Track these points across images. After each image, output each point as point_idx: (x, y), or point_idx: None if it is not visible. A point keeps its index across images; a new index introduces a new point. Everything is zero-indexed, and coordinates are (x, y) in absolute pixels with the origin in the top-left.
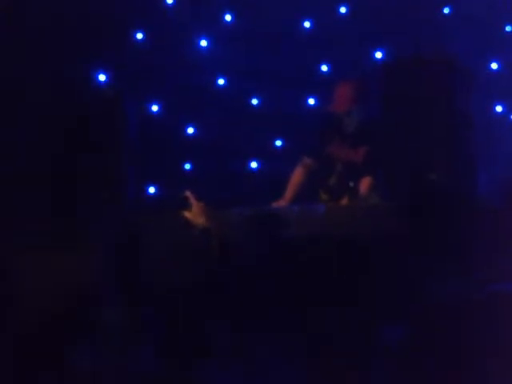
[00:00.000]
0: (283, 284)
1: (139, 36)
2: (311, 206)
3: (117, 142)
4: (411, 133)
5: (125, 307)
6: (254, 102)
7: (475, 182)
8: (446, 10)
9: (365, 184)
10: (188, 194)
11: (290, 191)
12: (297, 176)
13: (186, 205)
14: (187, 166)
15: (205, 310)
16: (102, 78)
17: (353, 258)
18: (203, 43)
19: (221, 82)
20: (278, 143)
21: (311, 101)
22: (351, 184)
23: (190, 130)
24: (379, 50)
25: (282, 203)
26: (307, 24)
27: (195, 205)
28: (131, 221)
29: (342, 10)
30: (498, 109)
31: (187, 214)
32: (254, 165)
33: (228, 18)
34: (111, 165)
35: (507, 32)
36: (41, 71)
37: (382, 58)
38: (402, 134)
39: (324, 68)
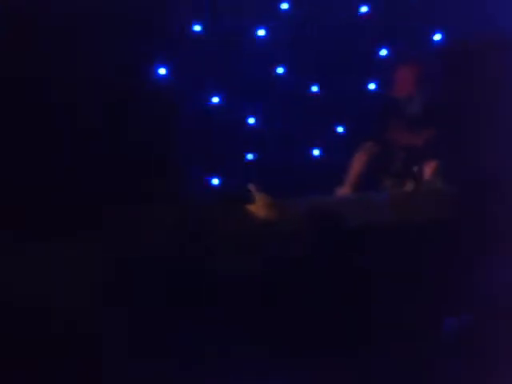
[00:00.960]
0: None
1: (197, 28)
2: (373, 194)
3: (178, 135)
4: (474, 117)
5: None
6: (314, 88)
7: None
8: None
9: (429, 168)
10: (251, 186)
11: (352, 178)
12: (358, 162)
13: (249, 197)
14: (250, 157)
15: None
16: (162, 71)
17: (414, 246)
18: (261, 32)
19: (280, 70)
20: (340, 130)
21: (372, 86)
22: (415, 169)
23: (251, 121)
24: (439, 32)
25: (345, 190)
26: (364, 9)
27: (258, 197)
28: (193, 213)
29: None
30: None
31: (251, 207)
32: (316, 153)
33: (285, 6)
34: (172, 158)
35: None
36: (105, 65)
37: (441, 41)
38: (465, 117)
39: (383, 52)
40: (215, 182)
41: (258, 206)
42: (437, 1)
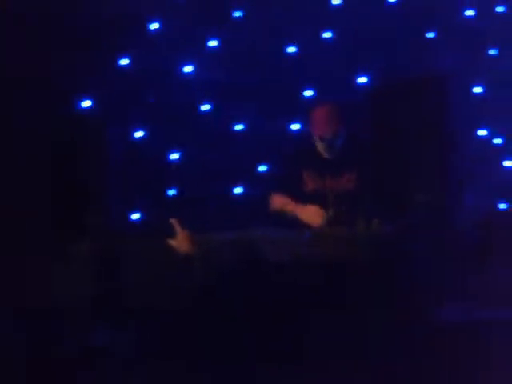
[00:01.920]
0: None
1: (124, 62)
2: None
3: (100, 169)
4: (399, 156)
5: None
6: (239, 127)
7: (461, 205)
8: (431, 35)
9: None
10: (173, 221)
11: (293, 203)
12: (277, 199)
13: (170, 232)
14: (172, 193)
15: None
16: (86, 103)
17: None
18: (188, 68)
19: (205, 107)
20: (263, 168)
21: (296, 126)
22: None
23: (175, 156)
24: (364, 75)
25: (279, 199)
26: (292, 49)
27: (180, 232)
28: (114, 246)
29: (327, 34)
30: (482, 132)
31: (172, 242)
32: (238, 190)
33: (213, 43)
34: (93, 192)
35: (492, 55)
36: (24, 96)
37: (366, 83)
38: (389, 157)
39: (309, 93)
40: (136, 216)
41: (179, 241)
42: (362, 43)
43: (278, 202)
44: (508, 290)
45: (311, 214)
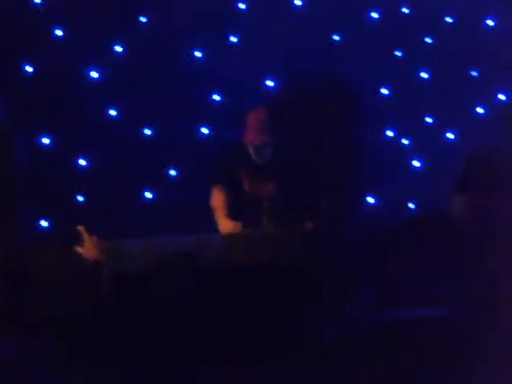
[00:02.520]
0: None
1: (29, 69)
2: (208, 236)
3: (7, 176)
4: (306, 161)
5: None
6: (147, 132)
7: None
8: (336, 37)
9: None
10: (80, 228)
11: (221, 212)
12: (219, 198)
13: (78, 239)
14: (80, 199)
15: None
16: None
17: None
18: (94, 74)
19: (112, 112)
20: (172, 173)
21: (204, 130)
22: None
23: (83, 162)
24: (270, 79)
25: (228, 226)
26: (198, 54)
27: (87, 239)
28: (20, 255)
29: (233, 39)
30: (389, 134)
31: (79, 249)
32: (148, 195)
33: (118, 48)
34: (1, 199)
35: (397, 56)
36: None
37: (273, 87)
38: (298, 162)
39: (216, 97)
40: (44, 224)
41: (87, 248)
42: (268, 46)
43: (216, 201)
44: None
45: (228, 229)
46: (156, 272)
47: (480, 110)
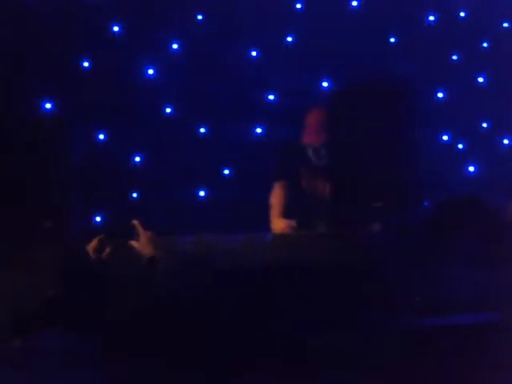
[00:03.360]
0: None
1: (85, 64)
2: (258, 235)
3: (62, 171)
4: (360, 162)
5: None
6: (202, 130)
7: (419, 211)
8: (393, 39)
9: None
10: (135, 222)
11: (276, 210)
12: (278, 195)
13: (132, 234)
14: (134, 195)
15: (151, 340)
16: (48, 106)
17: (293, 288)
18: (150, 71)
19: (168, 110)
20: (226, 172)
21: (258, 130)
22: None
23: (137, 159)
24: (326, 80)
25: (280, 224)
26: (254, 53)
27: (142, 234)
28: (76, 249)
29: (289, 39)
30: (445, 138)
31: (134, 244)
32: (201, 193)
33: (175, 46)
34: (56, 194)
35: (454, 60)
36: None
37: (328, 87)
38: (352, 164)
39: (271, 97)
40: (98, 219)
41: (142, 243)
42: (324, 48)
43: (275, 198)
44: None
45: (281, 228)
46: (204, 268)
47: None
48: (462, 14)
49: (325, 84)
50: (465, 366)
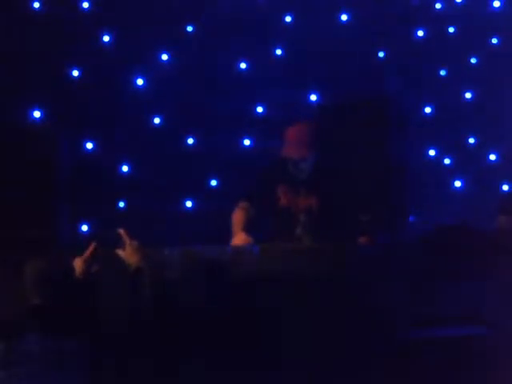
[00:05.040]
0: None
1: (75, 73)
2: (246, 247)
3: (49, 180)
4: (347, 176)
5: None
6: (190, 141)
7: (405, 225)
8: (381, 54)
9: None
10: (122, 231)
11: (237, 227)
12: (237, 215)
13: (119, 243)
14: (121, 204)
15: (133, 347)
16: (36, 114)
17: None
18: (139, 81)
19: (156, 120)
20: (213, 183)
21: (246, 141)
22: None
23: (125, 168)
24: (314, 93)
25: (239, 238)
26: (243, 65)
27: (128, 243)
28: (62, 258)
29: (278, 52)
30: (431, 152)
31: (120, 253)
32: (188, 204)
33: (164, 57)
34: (43, 202)
35: (441, 76)
36: None
37: (316, 101)
38: (339, 178)
39: (259, 109)
40: (85, 228)
41: (128, 252)
42: (312, 61)
43: (235, 217)
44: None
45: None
46: (193, 280)
47: None
48: (451, 30)
49: (313, 97)
50: (452, 378)
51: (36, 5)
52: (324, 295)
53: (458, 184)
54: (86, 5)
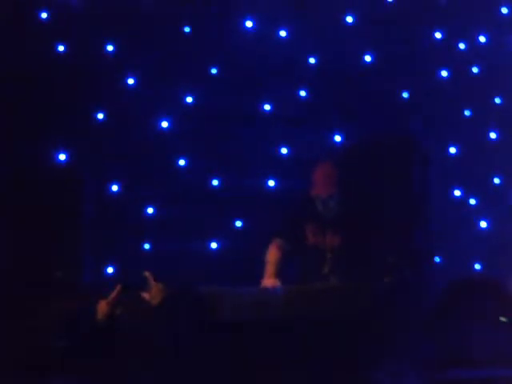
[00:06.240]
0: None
1: (100, 116)
2: (270, 289)
3: (75, 222)
4: (373, 216)
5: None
6: (215, 182)
7: (431, 266)
8: (405, 95)
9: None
10: (147, 274)
11: (270, 268)
12: (273, 254)
13: (145, 285)
14: (146, 246)
15: None
16: (62, 157)
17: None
18: (164, 124)
19: (182, 162)
20: (238, 224)
21: (271, 182)
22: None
23: (150, 210)
24: (338, 134)
25: (269, 281)
26: (267, 107)
27: (154, 285)
28: (86, 298)
29: (302, 93)
30: (457, 193)
31: (146, 295)
32: (213, 245)
33: (189, 99)
34: (69, 244)
35: (466, 116)
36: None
37: (341, 141)
38: (365, 217)
39: (284, 150)
40: (110, 270)
41: (153, 294)
42: (336, 101)
43: (270, 256)
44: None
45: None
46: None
47: None
48: (475, 70)
49: (337, 138)
50: None
51: (61, 48)
52: (345, 335)
53: (483, 224)
54: (110, 48)
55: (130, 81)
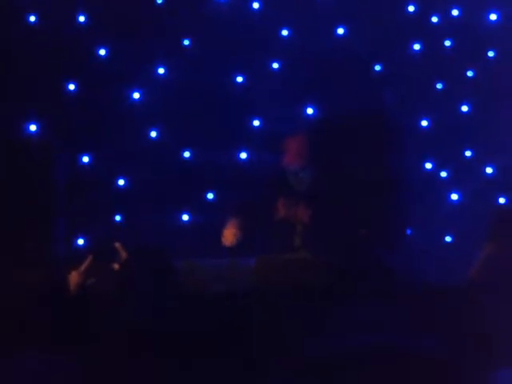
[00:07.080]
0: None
1: (71, 87)
2: (242, 260)
3: (45, 193)
4: (345, 189)
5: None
6: (186, 154)
7: (403, 239)
8: (378, 68)
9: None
10: (118, 245)
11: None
12: (229, 235)
13: (115, 256)
14: (118, 218)
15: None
16: (32, 128)
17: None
18: (136, 95)
19: (153, 134)
20: (210, 196)
21: (243, 154)
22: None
23: (121, 182)
24: (311, 106)
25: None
26: (239, 78)
27: (124, 256)
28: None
29: (275, 65)
30: (428, 166)
31: (116, 266)
32: (185, 217)
33: (161, 70)
34: (39, 216)
35: (438, 89)
36: None
37: (313, 114)
38: (337, 190)
39: (256, 123)
40: (81, 242)
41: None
42: (309, 74)
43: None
44: None
45: (226, 235)
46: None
47: None
48: (448, 43)
49: (310, 111)
50: None
51: (32, 18)
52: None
53: (454, 197)
54: (82, 18)
55: (102, 51)
